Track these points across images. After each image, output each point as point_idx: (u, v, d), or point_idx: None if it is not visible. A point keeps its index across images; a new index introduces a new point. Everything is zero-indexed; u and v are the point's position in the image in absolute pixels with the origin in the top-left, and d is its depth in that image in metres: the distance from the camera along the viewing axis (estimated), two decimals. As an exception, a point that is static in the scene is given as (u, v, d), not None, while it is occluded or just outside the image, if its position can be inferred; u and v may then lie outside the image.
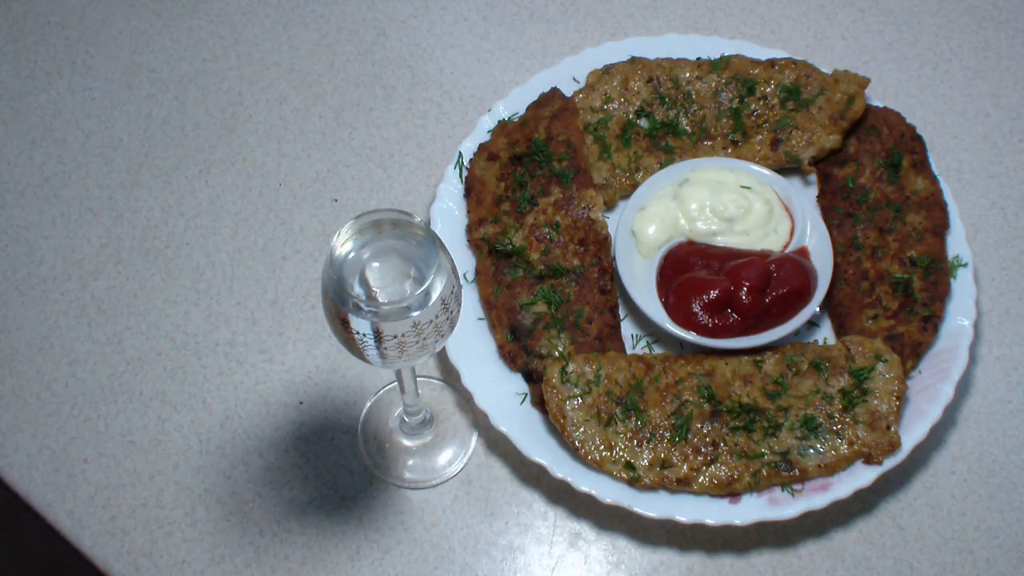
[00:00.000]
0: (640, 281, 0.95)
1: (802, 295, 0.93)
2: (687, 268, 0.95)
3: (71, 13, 1.18)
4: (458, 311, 0.67)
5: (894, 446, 0.87)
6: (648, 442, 0.87)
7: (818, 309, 0.94)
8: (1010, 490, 0.91)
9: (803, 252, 0.96)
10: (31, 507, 0.92)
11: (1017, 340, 0.98)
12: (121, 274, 1.02)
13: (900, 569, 0.88)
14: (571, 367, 0.89)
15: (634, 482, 0.86)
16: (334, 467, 0.92)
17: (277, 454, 0.93)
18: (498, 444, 0.93)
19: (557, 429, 0.88)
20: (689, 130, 1.03)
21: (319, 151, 1.09)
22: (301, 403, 0.95)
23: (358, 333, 0.64)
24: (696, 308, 0.92)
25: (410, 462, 0.93)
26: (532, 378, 0.92)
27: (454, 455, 0.93)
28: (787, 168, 1.03)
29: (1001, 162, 1.08)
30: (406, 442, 0.94)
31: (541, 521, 0.90)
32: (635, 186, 1.00)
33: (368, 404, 0.95)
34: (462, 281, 0.96)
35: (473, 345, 0.93)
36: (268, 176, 1.07)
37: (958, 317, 0.93)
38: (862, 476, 0.86)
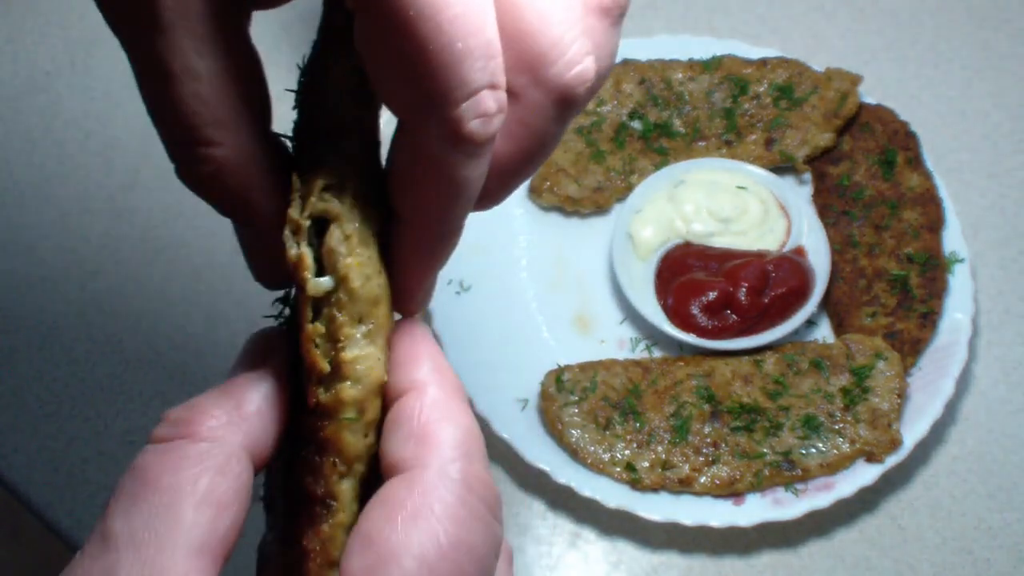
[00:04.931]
0: (638, 284, 0.95)
1: (800, 294, 0.93)
2: (685, 270, 0.95)
3: (71, 13, 1.18)
4: None
5: (896, 444, 0.86)
6: (648, 444, 0.87)
7: (816, 308, 0.94)
8: (1010, 490, 0.91)
9: (800, 251, 0.96)
10: (31, 507, 0.92)
11: (1017, 339, 0.98)
12: (121, 274, 1.02)
13: (900, 569, 0.88)
14: (566, 375, 0.89)
15: (635, 483, 0.86)
16: (333, 467, 0.92)
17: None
18: (499, 448, 0.93)
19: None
20: (683, 131, 1.03)
21: (319, 151, 1.09)
22: (300, 403, 0.95)
23: None
24: (695, 310, 0.92)
25: None
26: None
27: None
28: (782, 167, 1.02)
29: (1001, 162, 1.08)
30: None
31: (541, 521, 0.90)
32: (630, 188, 1.00)
33: None
34: (459, 289, 0.96)
35: (473, 352, 0.93)
36: (268, 177, 1.07)
37: (956, 312, 0.93)
38: (864, 474, 0.86)
